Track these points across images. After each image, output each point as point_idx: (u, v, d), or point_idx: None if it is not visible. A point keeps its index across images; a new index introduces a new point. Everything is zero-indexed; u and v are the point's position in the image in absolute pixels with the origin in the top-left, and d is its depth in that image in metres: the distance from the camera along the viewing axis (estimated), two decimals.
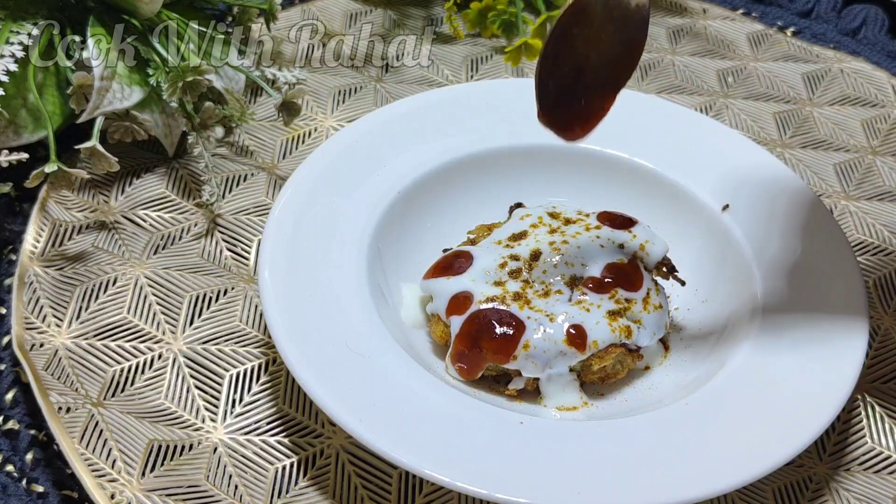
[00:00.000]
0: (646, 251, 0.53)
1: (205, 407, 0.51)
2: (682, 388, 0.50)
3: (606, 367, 0.50)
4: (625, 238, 0.53)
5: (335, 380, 0.46)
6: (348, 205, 0.55)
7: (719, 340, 0.53)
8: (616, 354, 0.50)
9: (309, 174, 0.55)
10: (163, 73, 0.59)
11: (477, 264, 0.52)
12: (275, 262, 0.50)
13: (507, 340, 0.49)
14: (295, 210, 0.53)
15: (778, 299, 0.52)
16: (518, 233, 0.54)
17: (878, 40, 0.81)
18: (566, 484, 0.43)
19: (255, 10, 0.70)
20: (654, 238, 0.54)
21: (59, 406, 0.50)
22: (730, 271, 0.55)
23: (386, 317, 0.51)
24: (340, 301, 0.50)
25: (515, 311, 0.50)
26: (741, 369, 0.49)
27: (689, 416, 0.47)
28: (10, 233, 0.61)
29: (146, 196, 0.63)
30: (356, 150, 0.57)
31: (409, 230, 0.57)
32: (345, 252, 0.52)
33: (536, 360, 0.49)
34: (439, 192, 0.58)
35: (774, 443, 0.45)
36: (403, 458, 0.43)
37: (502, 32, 0.78)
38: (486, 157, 0.59)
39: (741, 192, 0.57)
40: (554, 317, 0.50)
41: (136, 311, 0.55)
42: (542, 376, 0.50)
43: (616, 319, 0.50)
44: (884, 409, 0.54)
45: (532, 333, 0.49)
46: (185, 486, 0.48)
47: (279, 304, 0.48)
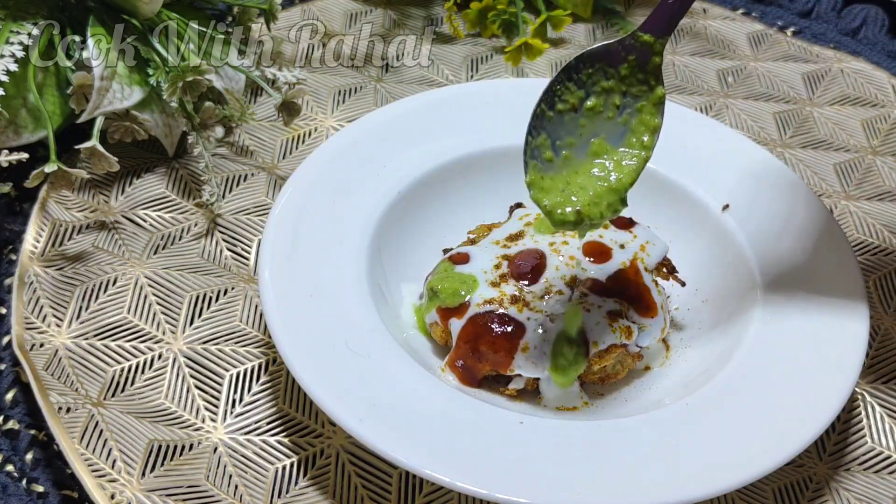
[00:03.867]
0: (646, 252, 0.53)
1: (205, 407, 0.51)
2: (682, 388, 0.50)
3: (607, 368, 0.51)
4: (625, 239, 0.53)
5: (335, 380, 0.46)
6: (348, 205, 0.55)
7: (719, 340, 0.53)
8: (616, 354, 0.50)
9: (309, 174, 0.55)
10: (163, 73, 0.59)
11: (474, 265, 0.52)
12: (275, 263, 0.50)
13: (507, 345, 0.49)
14: (295, 210, 0.53)
15: (778, 299, 0.52)
16: (515, 233, 0.54)
17: (878, 40, 0.81)
18: (566, 484, 0.43)
19: (255, 10, 0.70)
20: (654, 239, 0.54)
21: (59, 406, 0.50)
22: (730, 271, 0.55)
23: (386, 317, 0.51)
24: (340, 301, 0.50)
25: (514, 314, 0.50)
26: (741, 369, 0.49)
27: (689, 416, 0.47)
28: (10, 233, 0.61)
29: (146, 196, 0.62)
30: (356, 150, 0.57)
31: (409, 230, 0.57)
32: (345, 252, 0.52)
33: (536, 360, 0.49)
34: (439, 191, 0.58)
35: (774, 443, 0.45)
36: (403, 458, 0.43)
37: (502, 32, 0.77)
38: (487, 157, 0.59)
39: (741, 192, 0.57)
40: (554, 317, 0.50)
41: (136, 311, 0.55)
42: (543, 376, 0.50)
43: (616, 320, 0.50)
44: (884, 409, 0.54)
45: (532, 334, 0.49)
46: (185, 486, 0.48)
47: (279, 304, 0.48)
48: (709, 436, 0.46)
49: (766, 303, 0.52)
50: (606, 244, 0.53)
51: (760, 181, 0.58)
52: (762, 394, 0.47)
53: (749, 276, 0.53)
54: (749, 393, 0.48)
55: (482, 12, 0.76)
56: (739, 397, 0.47)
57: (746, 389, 0.48)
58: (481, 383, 0.51)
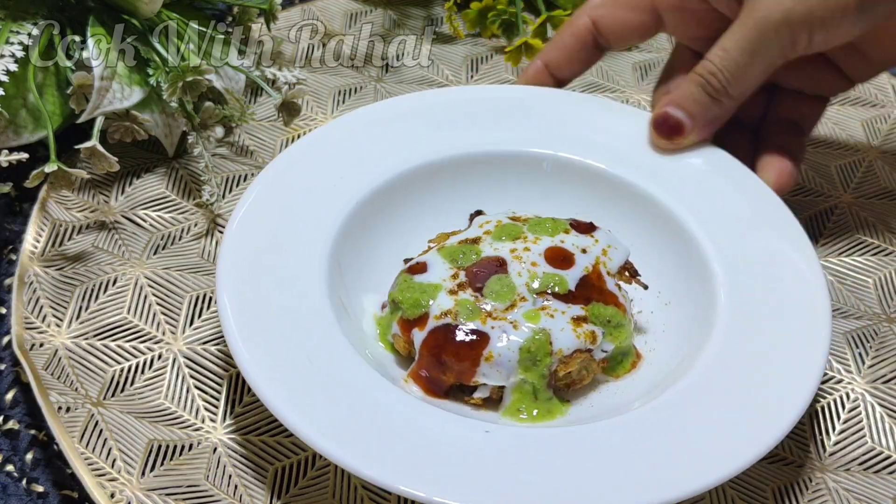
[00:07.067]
0: (608, 256, 0.53)
1: (204, 407, 0.51)
2: (648, 392, 0.50)
3: (572, 373, 0.50)
4: (587, 243, 0.53)
5: (299, 396, 0.45)
6: (306, 218, 0.53)
7: (684, 343, 0.52)
8: (581, 360, 0.49)
9: (262, 188, 0.54)
10: (163, 73, 0.59)
11: (432, 274, 0.51)
12: (233, 286, 0.49)
13: (471, 354, 0.48)
14: (250, 227, 0.52)
15: (741, 298, 0.51)
16: (472, 238, 0.53)
17: None
18: (532, 491, 0.42)
19: (255, 10, 0.70)
20: (616, 242, 0.54)
21: (59, 406, 0.50)
22: (693, 272, 0.54)
23: (348, 329, 0.50)
24: (301, 317, 0.49)
25: (477, 325, 0.49)
26: (707, 371, 0.48)
27: (657, 419, 0.46)
28: (10, 233, 0.61)
29: (146, 196, 0.63)
30: (311, 161, 0.56)
31: (368, 240, 0.56)
32: (304, 267, 0.51)
33: (501, 367, 0.48)
34: (399, 200, 0.57)
35: (744, 441, 0.45)
36: (374, 474, 0.42)
37: (502, 32, 0.78)
38: (447, 165, 0.58)
39: (703, 193, 0.57)
40: (518, 324, 0.49)
41: (136, 312, 0.55)
42: (507, 384, 0.49)
43: (581, 325, 0.50)
44: (884, 409, 0.54)
45: (496, 342, 0.48)
46: (184, 486, 0.48)
47: (239, 327, 0.47)
48: (677, 438, 0.45)
49: (729, 302, 0.51)
50: (568, 249, 0.52)
51: (722, 182, 0.57)
52: (730, 394, 0.47)
53: (711, 276, 0.53)
54: (716, 394, 0.47)
55: (482, 12, 0.76)
56: (707, 399, 0.47)
57: (713, 390, 0.47)
58: (448, 393, 0.50)
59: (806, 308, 0.50)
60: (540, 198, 0.59)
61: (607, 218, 0.56)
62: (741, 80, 0.55)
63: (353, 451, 0.43)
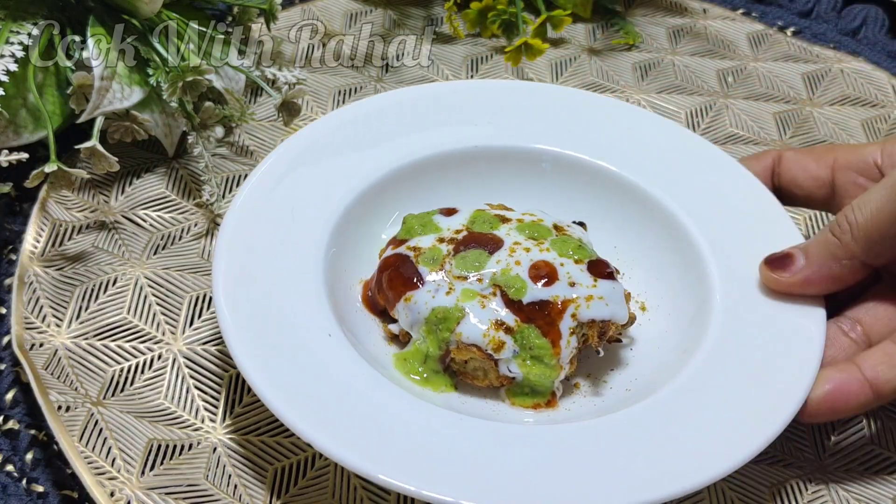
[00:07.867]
0: (588, 304, 0.50)
1: (204, 407, 0.51)
2: (646, 388, 0.50)
3: (467, 365, 0.50)
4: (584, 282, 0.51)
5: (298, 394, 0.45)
6: (302, 214, 0.54)
7: (681, 340, 0.52)
8: (478, 359, 0.49)
9: (257, 187, 0.54)
10: (163, 73, 0.59)
11: (447, 221, 0.54)
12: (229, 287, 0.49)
13: (399, 289, 0.51)
14: (245, 226, 0.52)
15: (738, 296, 0.51)
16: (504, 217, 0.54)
17: (878, 40, 0.81)
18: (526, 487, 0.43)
19: (255, 10, 0.70)
20: (615, 303, 0.50)
21: (59, 405, 0.50)
22: (690, 270, 0.54)
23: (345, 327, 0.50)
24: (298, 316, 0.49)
25: (424, 271, 0.51)
26: (704, 368, 0.48)
27: (653, 416, 0.46)
28: (10, 233, 0.61)
29: (146, 196, 0.63)
30: (307, 156, 0.56)
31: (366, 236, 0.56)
32: (300, 264, 0.51)
33: (410, 314, 0.50)
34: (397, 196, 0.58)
35: (741, 439, 0.45)
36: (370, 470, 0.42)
37: (502, 32, 0.78)
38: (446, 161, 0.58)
39: (695, 191, 0.57)
40: (452, 293, 0.50)
41: (135, 312, 0.55)
42: (413, 334, 0.50)
43: (499, 330, 0.49)
44: (884, 409, 0.54)
45: (422, 292, 0.50)
46: (184, 485, 0.48)
47: (238, 328, 0.47)
48: (675, 435, 0.45)
49: (725, 300, 0.51)
50: (560, 274, 0.50)
51: (717, 180, 0.57)
52: (726, 392, 0.47)
53: (707, 274, 0.53)
54: (713, 391, 0.47)
55: (482, 12, 0.76)
56: (704, 396, 0.47)
57: (710, 388, 0.47)
58: (382, 314, 0.53)
59: (802, 306, 0.51)
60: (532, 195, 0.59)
61: (606, 217, 0.56)
62: (872, 241, 0.49)
63: (350, 446, 0.43)
